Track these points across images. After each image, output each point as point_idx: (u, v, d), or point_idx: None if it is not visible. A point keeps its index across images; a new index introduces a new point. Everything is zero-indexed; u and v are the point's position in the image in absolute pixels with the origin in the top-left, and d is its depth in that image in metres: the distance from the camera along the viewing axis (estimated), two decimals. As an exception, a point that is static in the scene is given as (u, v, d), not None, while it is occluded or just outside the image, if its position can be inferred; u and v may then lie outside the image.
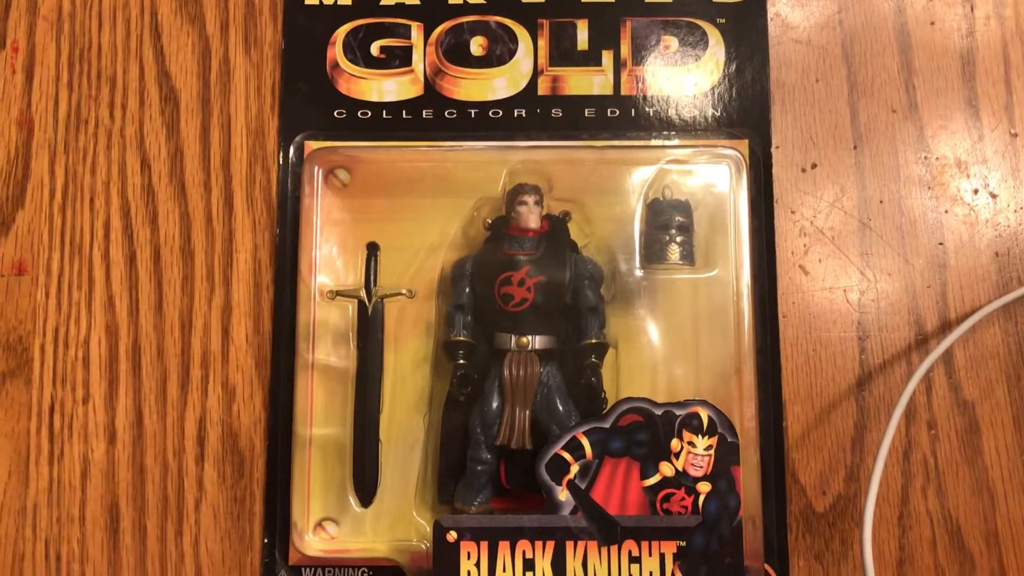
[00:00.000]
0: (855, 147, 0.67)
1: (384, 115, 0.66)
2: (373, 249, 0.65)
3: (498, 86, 0.67)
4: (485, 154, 0.65)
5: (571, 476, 0.58)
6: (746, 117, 0.66)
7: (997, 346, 0.65)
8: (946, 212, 0.66)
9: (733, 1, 0.67)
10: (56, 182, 0.67)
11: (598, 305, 0.62)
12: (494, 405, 0.61)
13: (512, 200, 0.62)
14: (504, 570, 0.58)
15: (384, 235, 0.65)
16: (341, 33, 0.67)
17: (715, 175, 0.65)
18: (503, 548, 0.58)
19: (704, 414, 0.59)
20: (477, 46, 0.67)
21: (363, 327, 0.64)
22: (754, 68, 0.67)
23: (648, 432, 0.59)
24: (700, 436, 0.58)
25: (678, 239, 0.63)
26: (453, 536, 0.58)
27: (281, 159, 0.66)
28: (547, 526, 0.58)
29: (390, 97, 0.67)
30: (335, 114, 0.66)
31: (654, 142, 0.66)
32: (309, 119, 0.66)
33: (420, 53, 0.67)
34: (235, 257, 0.66)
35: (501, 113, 0.66)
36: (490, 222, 0.63)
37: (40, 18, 0.69)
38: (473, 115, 0.66)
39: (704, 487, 0.58)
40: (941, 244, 0.66)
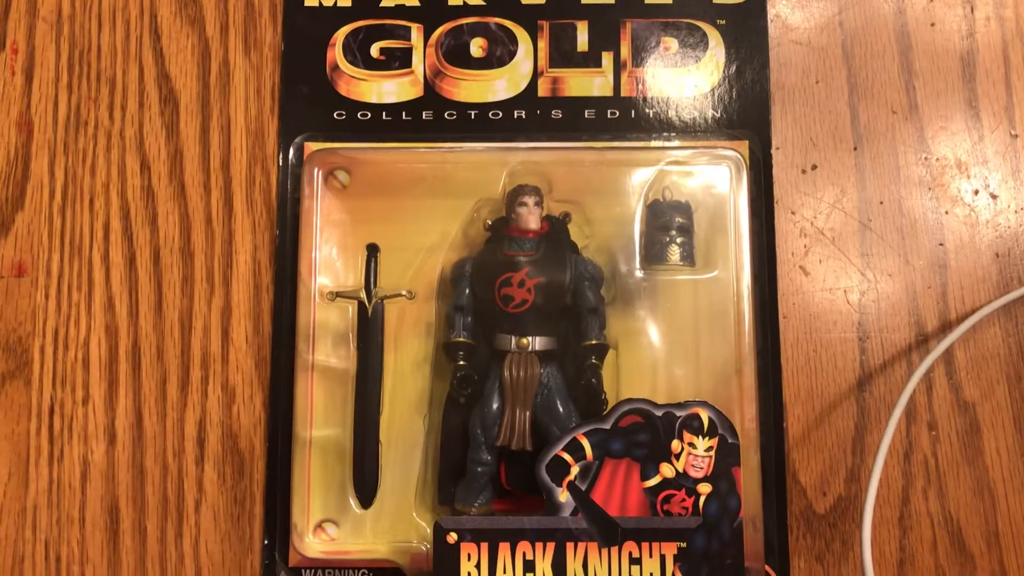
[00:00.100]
0: (855, 148, 0.67)
1: (384, 116, 0.66)
2: (373, 250, 0.65)
3: (498, 87, 0.67)
4: (485, 155, 0.65)
5: (571, 477, 0.58)
6: (746, 118, 0.66)
7: (997, 346, 0.65)
8: (946, 213, 0.66)
9: (733, 2, 0.67)
10: (56, 183, 0.67)
11: (598, 306, 0.62)
12: (494, 406, 0.61)
13: (512, 201, 0.62)
14: (504, 571, 0.58)
15: (384, 236, 0.65)
16: (341, 35, 0.67)
17: (715, 176, 0.65)
18: (503, 549, 0.58)
19: (704, 415, 0.59)
20: (477, 47, 0.67)
21: (363, 328, 0.64)
22: (754, 69, 0.67)
23: (648, 433, 0.59)
24: (700, 437, 0.58)
25: (678, 240, 0.63)
26: (453, 537, 0.58)
27: (281, 160, 0.66)
28: (547, 527, 0.58)
29: (390, 98, 0.67)
30: (335, 115, 0.66)
31: (654, 143, 0.66)
32: (309, 121, 0.66)
33: (420, 54, 0.67)
34: (235, 258, 0.66)
35: (501, 114, 0.66)
36: (490, 223, 0.63)
37: (40, 20, 0.69)
38: (473, 116, 0.66)
39: (705, 488, 0.58)
40: (941, 245, 0.66)
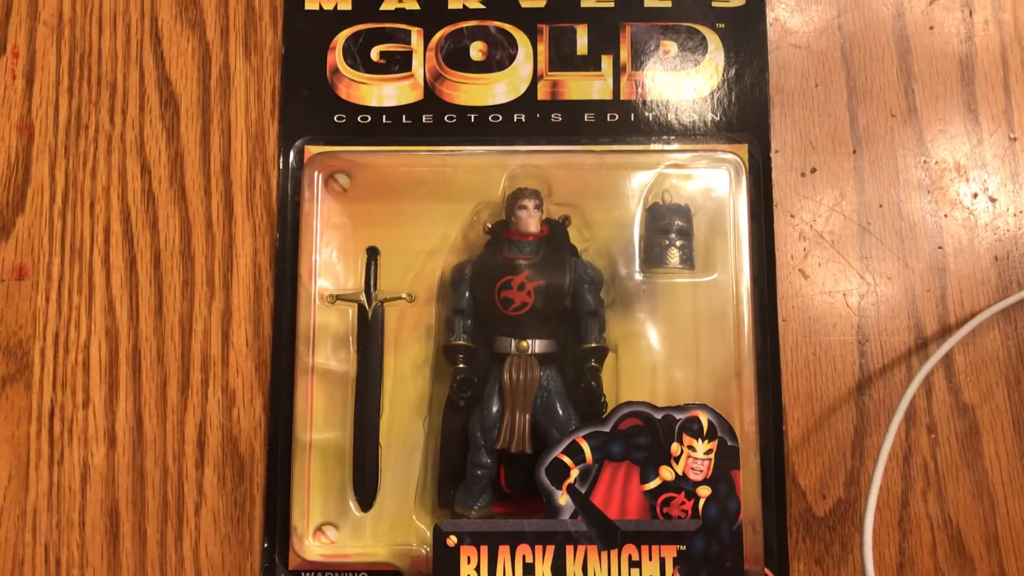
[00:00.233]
0: (854, 151, 0.67)
1: (384, 120, 0.66)
2: (373, 253, 0.65)
3: (498, 91, 0.67)
4: (485, 158, 0.65)
5: (571, 480, 0.58)
6: (745, 122, 0.66)
7: (997, 350, 0.65)
8: (945, 216, 0.66)
9: (732, 6, 0.68)
10: (56, 187, 0.67)
11: (598, 309, 0.62)
12: (494, 409, 0.61)
13: (512, 204, 0.63)
14: (504, 574, 0.58)
15: (384, 239, 0.65)
16: (341, 38, 0.67)
17: (715, 179, 0.65)
18: (503, 552, 0.58)
19: (704, 418, 0.59)
20: (477, 51, 0.67)
21: (363, 331, 0.64)
22: (753, 73, 0.67)
23: (648, 436, 0.59)
24: (700, 440, 0.58)
25: (678, 243, 0.63)
26: (453, 540, 0.58)
27: (281, 164, 0.66)
28: (547, 530, 0.58)
29: (390, 102, 0.67)
30: (335, 119, 0.66)
31: (653, 146, 0.66)
32: (309, 124, 0.67)
33: (420, 58, 0.67)
34: (235, 261, 0.66)
35: (501, 118, 0.66)
36: (490, 226, 0.63)
37: (40, 23, 0.69)
38: (473, 120, 0.66)
39: (704, 491, 0.58)
40: (941, 248, 0.66)
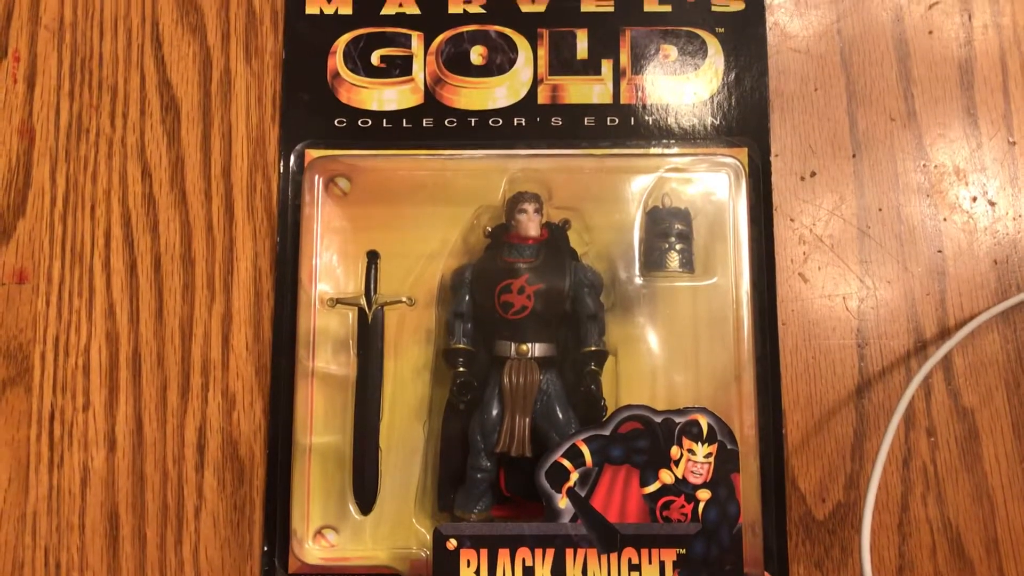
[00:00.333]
0: (854, 155, 0.67)
1: (384, 124, 0.66)
2: (373, 257, 0.65)
3: (498, 95, 0.67)
4: (485, 162, 0.65)
5: (571, 484, 0.58)
6: (745, 126, 0.67)
7: (996, 353, 0.65)
8: (945, 220, 0.67)
9: (732, 11, 0.68)
10: (57, 191, 0.67)
11: (598, 313, 0.62)
12: (494, 413, 0.61)
13: (512, 208, 0.63)
14: (504, 578, 0.58)
15: (384, 243, 0.65)
16: (342, 42, 0.68)
17: (714, 183, 0.65)
18: (503, 556, 0.58)
19: (704, 421, 0.59)
20: (477, 55, 0.67)
21: (363, 335, 0.64)
22: (753, 77, 0.67)
23: (648, 439, 0.59)
24: (700, 443, 0.58)
25: (677, 247, 0.63)
26: (453, 544, 0.58)
27: (282, 168, 0.66)
28: (547, 534, 0.58)
29: (390, 106, 0.67)
30: (335, 123, 0.67)
31: (653, 150, 0.66)
32: (310, 128, 0.67)
33: (420, 62, 0.67)
34: (235, 265, 0.66)
35: (501, 122, 0.66)
36: (490, 230, 0.63)
37: (42, 27, 0.69)
38: (473, 124, 0.66)
39: (704, 494, 0.58)
40: (940, 252, 0.66)
